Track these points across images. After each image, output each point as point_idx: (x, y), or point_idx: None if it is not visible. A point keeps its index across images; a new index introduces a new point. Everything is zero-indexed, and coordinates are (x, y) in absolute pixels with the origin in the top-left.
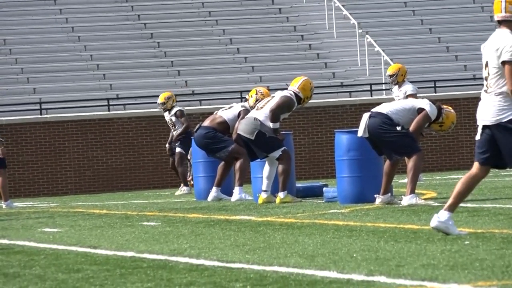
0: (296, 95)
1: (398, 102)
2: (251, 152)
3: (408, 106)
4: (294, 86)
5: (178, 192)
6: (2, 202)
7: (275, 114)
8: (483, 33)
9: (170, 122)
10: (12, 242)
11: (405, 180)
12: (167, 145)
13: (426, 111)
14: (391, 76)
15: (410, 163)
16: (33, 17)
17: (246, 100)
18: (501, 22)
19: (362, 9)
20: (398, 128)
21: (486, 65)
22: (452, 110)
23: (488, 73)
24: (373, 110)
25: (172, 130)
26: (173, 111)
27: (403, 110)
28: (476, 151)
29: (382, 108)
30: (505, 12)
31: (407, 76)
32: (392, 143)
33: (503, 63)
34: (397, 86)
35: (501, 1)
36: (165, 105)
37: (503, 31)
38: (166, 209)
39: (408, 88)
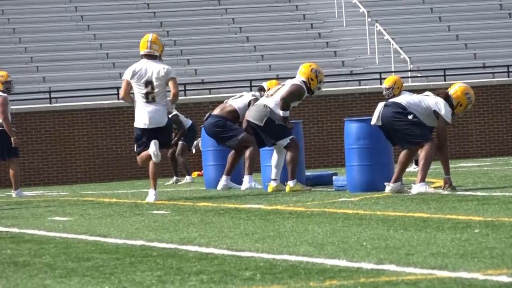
0: (305, 83)
1: (416, 96)
2: (260, 139)
3: (424, 103)
4: (299, 76)
5: (168, 183)
6: (12, 190)
7: (285, 102)
8: (493, 21)
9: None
10: (22, 230)
11: (412, 168)
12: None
13: (443, 116)
14: (387, 88)
15: (422, 152)
16: (43, 6)
17: (262, 89)
18: None
19: None
20: (410, 117)
21: None
22: (457, 87)
23: None
24: (390, 100)
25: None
26: None
27: (418, 105)
28: None
29: (399, 99)
30: None
31: (403, 87)
32: (403, 131)
33: None
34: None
35: None
36: None
37: None
38: (176, 198)
39: None
